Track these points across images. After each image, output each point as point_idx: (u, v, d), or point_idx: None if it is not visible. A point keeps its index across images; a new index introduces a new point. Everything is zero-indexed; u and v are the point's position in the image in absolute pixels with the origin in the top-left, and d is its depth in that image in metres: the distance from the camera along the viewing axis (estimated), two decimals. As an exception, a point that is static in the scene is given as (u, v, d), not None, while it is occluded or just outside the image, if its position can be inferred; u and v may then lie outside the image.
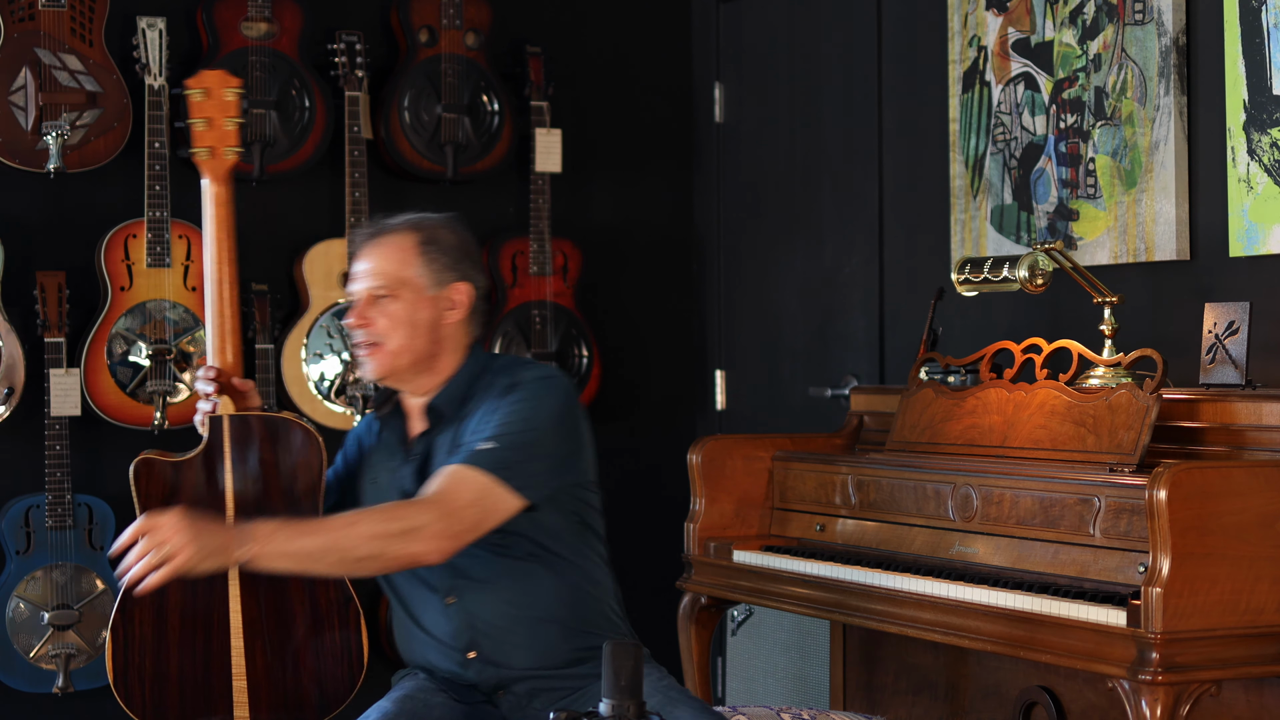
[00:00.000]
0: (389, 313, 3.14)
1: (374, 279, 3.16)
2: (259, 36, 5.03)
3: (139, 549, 2.88)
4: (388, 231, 3.20)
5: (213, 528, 2.91)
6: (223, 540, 2.89)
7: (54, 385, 4.76)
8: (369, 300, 3.15)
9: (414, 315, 3.14)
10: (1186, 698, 3.01)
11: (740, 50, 5.49)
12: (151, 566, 2.86)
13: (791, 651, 4.48)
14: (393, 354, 3.15)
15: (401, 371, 3.17)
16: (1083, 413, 3.50)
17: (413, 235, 3.17)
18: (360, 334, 3.16)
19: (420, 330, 3.14)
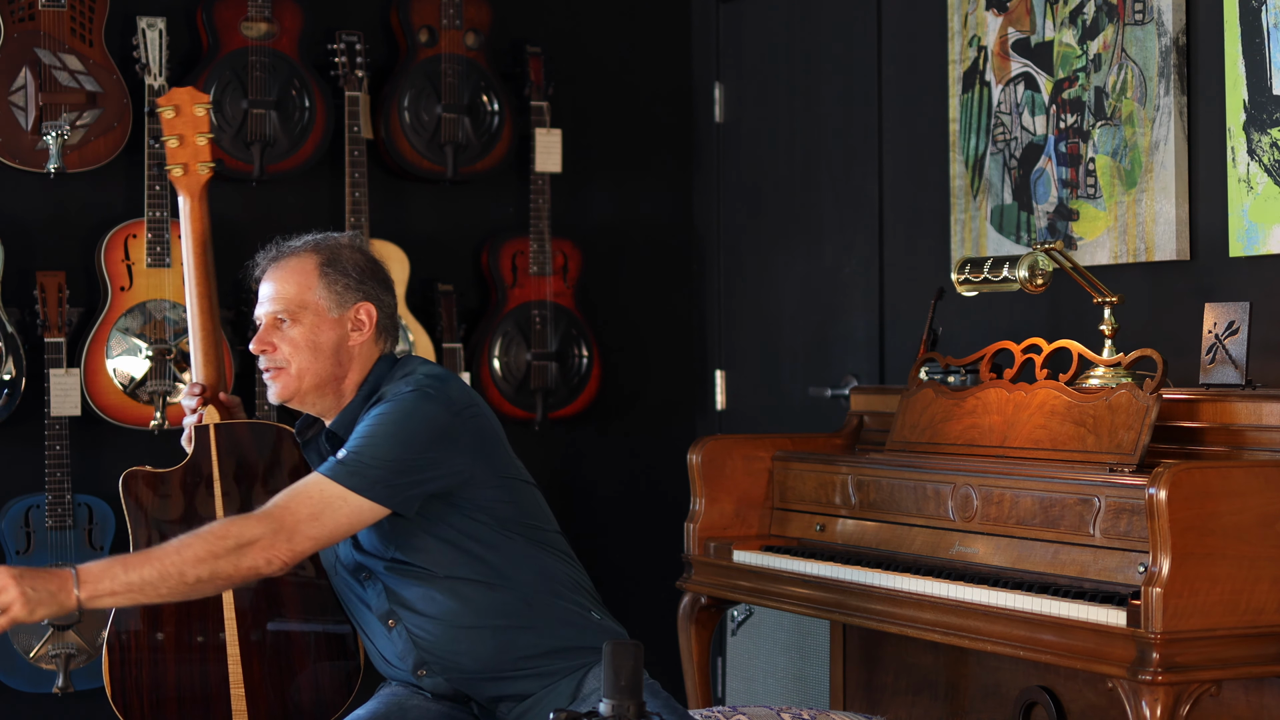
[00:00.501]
0: (289, 337, 3.14)
1: (275, 303, 3.16)
2: (259, 36, 5.03)
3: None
4: (289, 254, 3.20)
5: (41, 577, 2.88)
6: (53, 586, 2.88)
7: (54, 385, 4.76)
8: (271, 324, 3.16)
9: (316, 338, 3.14)
10: (1186, 698, 3.01)
11: (740, 50, 5.49)
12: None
13: (791, 651, 4.48)
14: (295, 377, 3.15)
15: (306, 394, 3.18)
16: (1083, 413, 3.50)
17: (314, 257, 3.17)
18: (263, 359, 3.16)
19: (323, 353, 3.15)
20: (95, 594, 2.90)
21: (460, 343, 5.24)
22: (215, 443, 3.25)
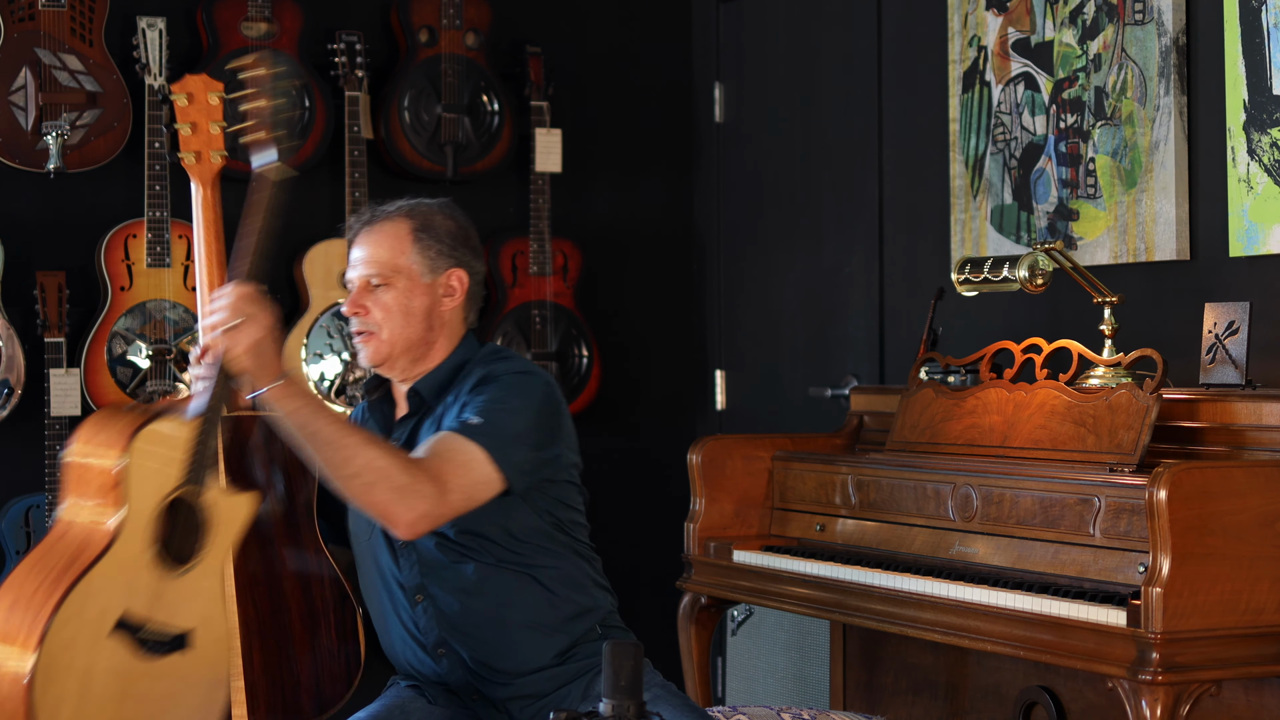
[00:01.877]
0: (383, 301, 3.11)
1: (368, 267, 3.13)
2: (259, 36, 5.03)
3: (224, 303, 2.88)
4: (383, 219, 3.17)
5: (276, 346, 2.89)
6: (274, 360, 2.88)
7: (54, 385, 4.76)
8: (364, 288, 3.13)
9: (408, 303, 3.12)
10: (1186, 698, 3.01)
11: (740, 50, 5.49)
12: (220, 323, 2.86)
13: (791, 651, 4.48)
14: (387, 342, 3.12)
15: (396, 359, 3.14)
16: (1083, 413, 3.50)
17: (407, 222, 3.15)
18: (355, 322, 3.13)
19: (415, 318, 3.12)
20: (288, 398, 2.86)
21: (460, 343, 5.24)
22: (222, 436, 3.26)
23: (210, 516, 2.99)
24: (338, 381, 5.10)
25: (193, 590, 2.96)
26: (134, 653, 2.91)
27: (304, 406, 2.88)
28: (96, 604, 2.88)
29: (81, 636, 2.87)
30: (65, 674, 2.84)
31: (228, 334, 2.86)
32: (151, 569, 2.92)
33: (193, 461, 2.94)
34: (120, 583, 2.90)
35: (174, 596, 2.94)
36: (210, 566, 2.99)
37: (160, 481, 2.94)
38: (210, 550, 2.99)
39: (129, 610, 2.90)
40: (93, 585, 2.87)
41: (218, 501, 3.00)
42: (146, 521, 2.93)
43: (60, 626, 2.83)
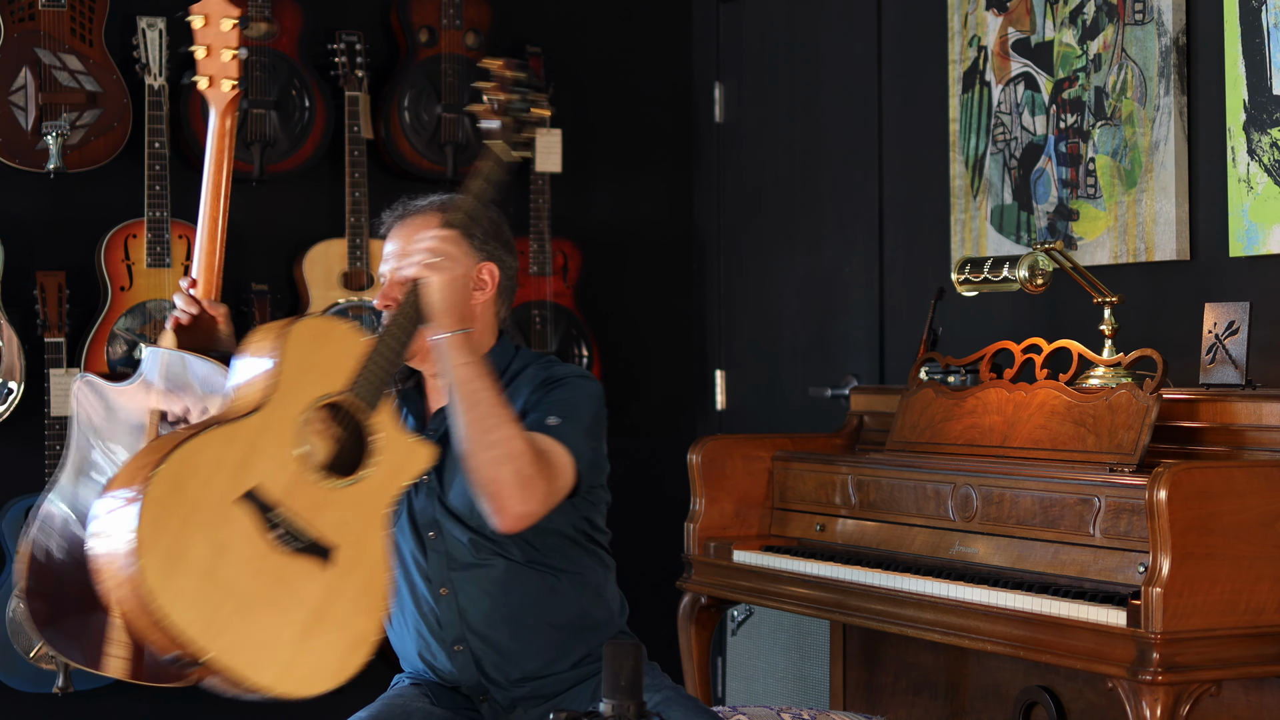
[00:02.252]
0: None
1: (400, 259, 3.10)
2: (259, 36, 5.03)
3: (425, 245, 2.90)
4: (415, 212, 3.17)
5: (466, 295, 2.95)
6: (461, 308, 2.91)
7: (54, 385, 4.76)
8: (395, 281, 3.10)
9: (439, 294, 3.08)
10: (1186, 698, 3.01)
11: (740, 50, 5.49)
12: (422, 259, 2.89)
13: (791, 651, 4.48)
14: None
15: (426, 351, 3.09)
16: (1083, 413, 3.50)
17: (439, 216, 3.12)
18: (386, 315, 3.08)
19: None
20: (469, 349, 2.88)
21: (460, 343, 5.24)
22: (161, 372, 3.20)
23: (377, 445, 2.84)
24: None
25: (342, 510, 2.78)
26: (263, 533, 2.73)
27: (475, 362, 2.89)
28: (227, 461, 2.73)
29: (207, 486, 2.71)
30: (185, 509, 2.68)
31: (427, 268, 2.89)
32: (300, 465, 2.77)
33: (361, 374, 2.85)
34: (257, 455, 2.75)
35: (320, 503, 2.77)
36: (366, 496, 2.80)
37: (321, 376, 2.83)
38: (370, 480, 2.81)
39: (262, 486, 2.74)
40: (222, 442, 2.73)
41: (392, 436, 2.85)
42: (297, 409, 2.79)
43: (181, 463, 2.68)
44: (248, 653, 2.67)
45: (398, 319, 2.90)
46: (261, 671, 2.68)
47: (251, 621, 2.68)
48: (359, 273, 5.10)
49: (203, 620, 2.64)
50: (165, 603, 2.62)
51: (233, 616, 2.67)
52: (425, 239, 2.92)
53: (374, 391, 2.85)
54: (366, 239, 5.08)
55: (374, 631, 2.76)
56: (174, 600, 2.63)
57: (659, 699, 3.08)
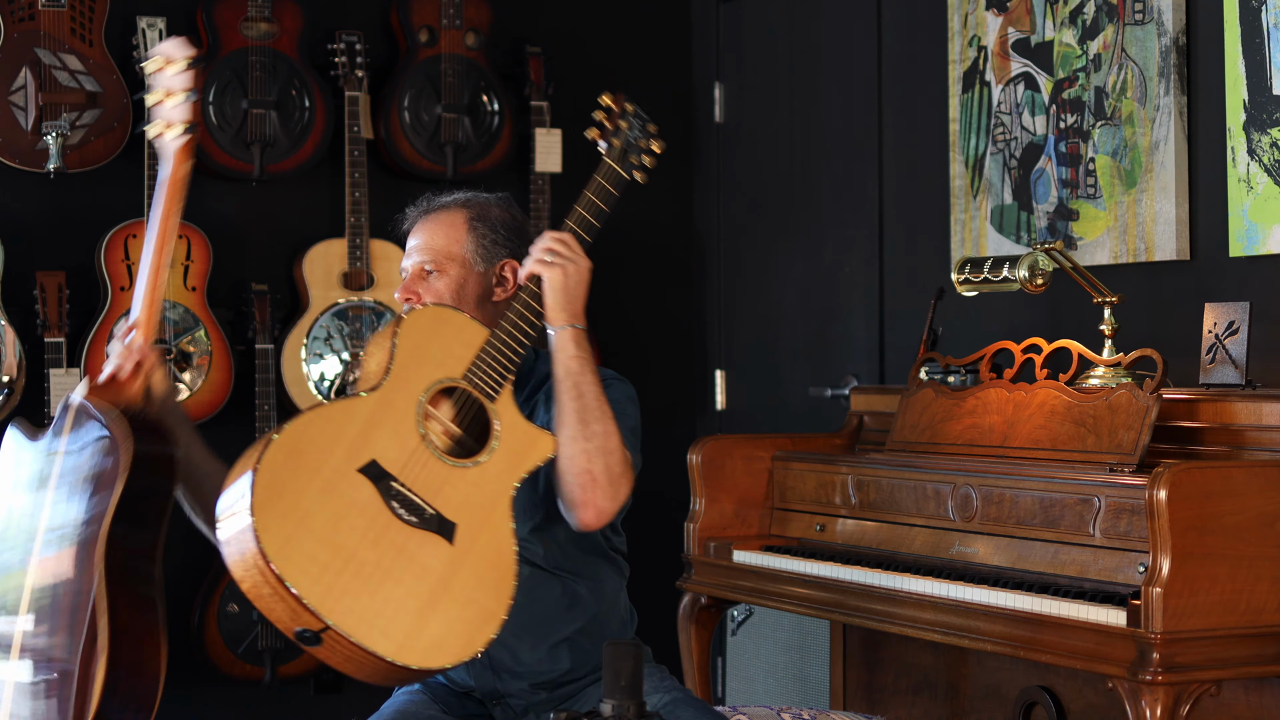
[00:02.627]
0: (435, 288, 3.10)
1: (422, 254, 3.13)
2: (259, 36, 5.03)
3: (546, 244, 2.98)
4: (439, 208, 3.18)
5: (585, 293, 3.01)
6: (580, 306, 2.99)
7: (54, 385, 4.76)
8: (417, 275, 3.13)
9: (461, 290, 3.11)
10: (1186, 698, 3.01)
11: (740, 50, 5.49)
12: (545, 261, 2.97)
13: (791, 651, 4.48)
14: None
15: None
16: (1083, 413, 3.50)
17: (463, 212, 3.16)
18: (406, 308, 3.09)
19: (467, 304, 3.10)
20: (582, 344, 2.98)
21: (460, 343, 5.24)
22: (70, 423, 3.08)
23: (498, 431, 2.86)
24: (337, 381, 5.10)
25: (463, 491, 2.78)
26: (382, 504, 2.73)
27: (586, 357, 2.97)
28: (346, 433, 2.74)
29: (325, 455, 2.71)
30: (303, 477, 2.68)
31: (551, 265, 2.96)
32: (419, 443, 2.78)
33: (480, 362, 2.89)
34: (376, 430, 2.76)
35: (440, 482, 2.77)
36: (488, 480, 2.81)
37: (438, 361, 2.87)
38: (490, 465, 2.82)
39: (381, 460, 2.74)
40: (341, 415, 2.76)
41: (514, 423, 2.88)
42: (415, 391, 2.82)
43: (298, 433, 2.70)
44: (369, 621, 2.63)
45: (518, 310, 2.97)
46: (383, 640, 2.63)
47: (372, 590, 2.65)
48: (359, 272, 5.10)
49: (322, 586, 2.61)
50: (283, 566, 2.60)
51: (352, 583, 2.64)
52: (544, 240, 3.00)
53: (494, 379, 2.90)
54: (366, 239, 5.08)
55: (502, 610, 2.74)
56: (292, 565, 2.61)
57: (668, 700, 3.08)
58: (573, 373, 2.96)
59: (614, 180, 3.13)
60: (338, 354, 5.10)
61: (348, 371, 5.09)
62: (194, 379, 4.94)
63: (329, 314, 5.10)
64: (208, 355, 4.95)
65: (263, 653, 4.96)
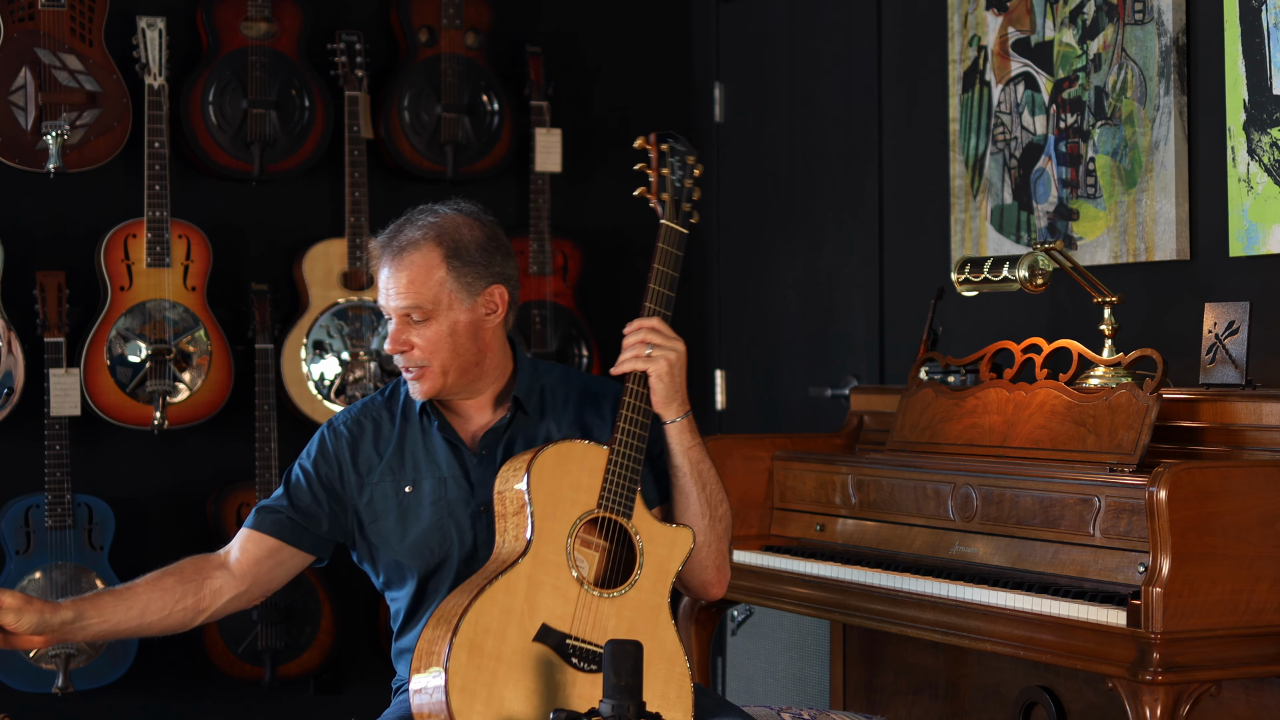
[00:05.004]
0: (426, 336, 3.01)
1: (404, 299, 3.01)
2: (259, 36, 5.03)
3: (640, 337, 3.02)
4: (410, 248, 3.03)
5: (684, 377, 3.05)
6: (683, 391, 3.04)
7: (54, 385, 4.76)
8: (403, 322, 3.02)
9: (454, 331, 3.02)
10: (1186, 698, 3.01)
11: (740, 50, 5.49)
12: (645, 356, 3.00)
13: (791, 651, 4.48)
14: (439, 374, 3.03)
15: (450, 386, 3.05)
16: (1083, 413, 3.50)
17: (437, 250, 3.02)
18: (402, 359, 3.04)
19: (462, 344, 3.03)
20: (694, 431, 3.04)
21: (460, 343, 5.24)
22: None
23: (640, 546, 2.94)
24: (337, 381, 5.10)
25: (626, 615, 2.90)
26: (564, 664, 2.86)
27: (701, 444, 3.04)
28: (514, 609, 2.84)
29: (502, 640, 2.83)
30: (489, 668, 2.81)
31: (653, 360, 3.00)
32: (577, 588, 2.88)
33: (608, 483, 2.94)
34: (537, 593, 2.86)
35: (605, 617, 2.89)
36: (644, 594, 2.92)
37: (573, 497, 2.92)
38: (643, 579, 2.92)
39: (550, 619, 2.86)
40: (504, 593, 2.84)
41: (651, 531, 2.96)
42: (561, 537, 2.89)
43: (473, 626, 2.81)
44: None
45: (628, 416, 2.99)
46: None
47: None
48: (359, 272, 5.10)
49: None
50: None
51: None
52: (634, 333, 3.02)
53: (626, 497, 2.95)
54: (366, 239, 5.08)
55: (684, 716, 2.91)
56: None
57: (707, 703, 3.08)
58: (695, 463, 3.03)
59: (676, 241, 3.15)
60: (338, 354, 5.10)
61: (347, 371, 5.09)
62: (194, 379, 4.94)
63: (329, 314, 5.10)
64: (207, 355, 4.95)
65: (263, 653, 4.96)
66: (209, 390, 4.96)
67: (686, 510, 3.04)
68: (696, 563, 3.05)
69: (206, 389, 4.95)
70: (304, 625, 5.02)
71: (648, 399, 2.99)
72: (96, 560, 4.81)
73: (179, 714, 5.11)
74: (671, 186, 3.18)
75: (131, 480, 5.02)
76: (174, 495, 5.08)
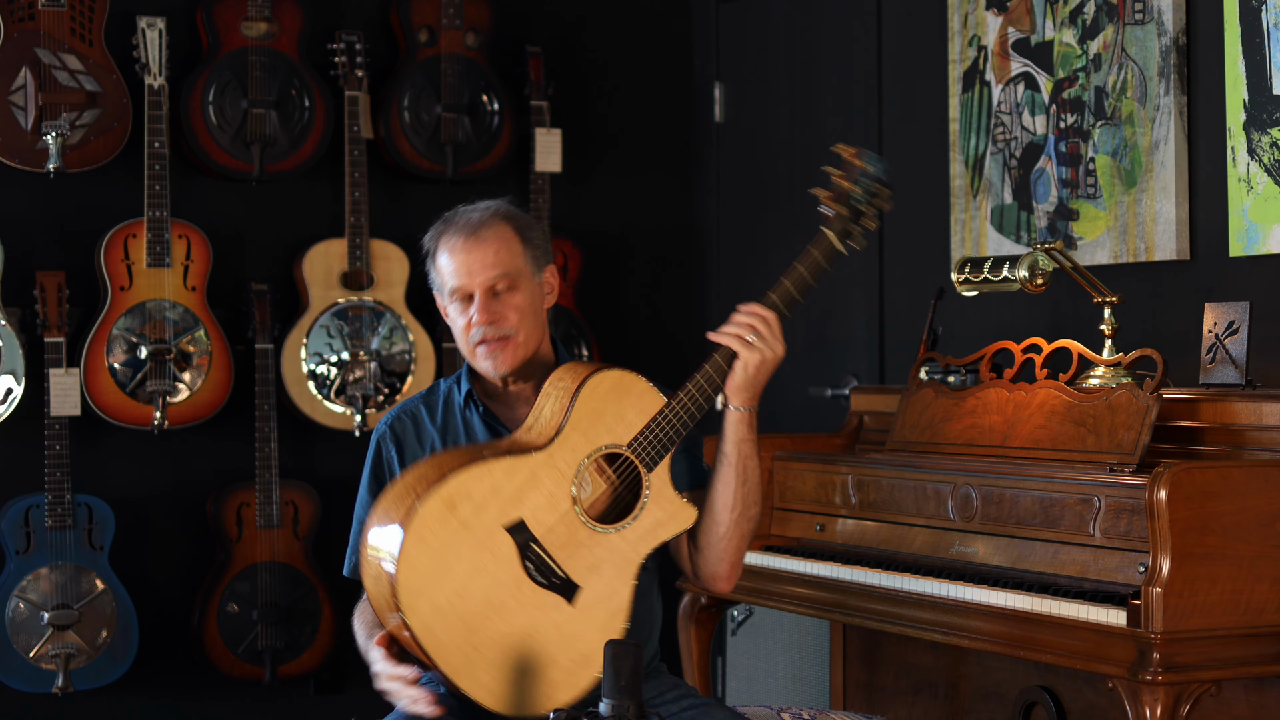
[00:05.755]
0: (515, 304, 3.06)
1: (491, 271, 3.06)
2: (259, 36, 5.03)
3: (749, 321, 2.99)
4: (483, 226, 3.10)
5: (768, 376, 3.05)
6: (761, 388, 3.04)
7: (54, 385, 4.77)
8: (488, 295, 3.06)
9: (534, 302, 3.10)
10: (1186, 698, 3.01)
11: (740, 50, 5.49)
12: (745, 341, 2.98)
13: (791, 651, 4.48)
14: (524, 344, 3.08)
15: (523, 361, 3.10)
16: (1083, 413, 3.50)
17: (508, 225, 3.10)
18: (488, 330, 3.06)
19: (539, 317, 3.12)
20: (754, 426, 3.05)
21: (460, 343, 5.24)
22: None
23: (645, 500, 2.95)
24: (337, 381, 5.10)
25: (597, 554, 2.90)
26: (518, 562, 2.86)
27: (754, 441, 3.05)
28: (504, 491, 2.85)
29: (478, 512, 2.84)
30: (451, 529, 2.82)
31: (751, 348, 2.98)
32: (568, 505, 2.89)
33: (649, 431, 2.96)
34: (532, 489, 2.87)
35: (578, 545, 2.89)
36: (624, 544, 2.92)
37: (610, 425, 2.94)
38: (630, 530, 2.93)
39: (528, 520, 2.86)
40: (503, 473, 2.86)
41: (662, 492, 2.96)
42: (581, 452, 2.91)
43: (458, 487, 2.82)
44: (483, 675, 2.82)
45: (700, 385, 3.00)
46: (486, 693, 2.83)
47: (486, 639, 2.83)
48: (359, 272, 5.10)
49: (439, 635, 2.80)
50: (412, 618, 2.79)
51: (476, 638, 2.82)
52: (747, 315, 2.99)
53: (658, 451, 2.97)
54: (366, 238, 5.08)
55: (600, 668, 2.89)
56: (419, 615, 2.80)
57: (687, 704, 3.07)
58: (744, 456, 3.04)
59: (829, 255, 3.07)
60: (338, 354, 5.10)
61: (346, 371, 5.09)
62: (194, 379, 4.94)
63: (329, 314, 5.10)
64: (207, 355, 4.95)
65: (263, 653, 4.96)
66: (209, 390, 4.96)
67: (718, 499, 3.05)
68: (713, 552, 3.06)
69: (206, 389, 4.96)
70: (304, 625, 5.02)
71: (724, 376, 3.01)
72: (96, 560, 4.81)
73: (179, 714, 5.10)
74: (851, 204, 3.09)
75: (131, 480, 5.02)
76: (174, 495, 5.08)
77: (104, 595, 4.80)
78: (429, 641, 2.79)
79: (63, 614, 4.75)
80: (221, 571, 4.96)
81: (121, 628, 4.81)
